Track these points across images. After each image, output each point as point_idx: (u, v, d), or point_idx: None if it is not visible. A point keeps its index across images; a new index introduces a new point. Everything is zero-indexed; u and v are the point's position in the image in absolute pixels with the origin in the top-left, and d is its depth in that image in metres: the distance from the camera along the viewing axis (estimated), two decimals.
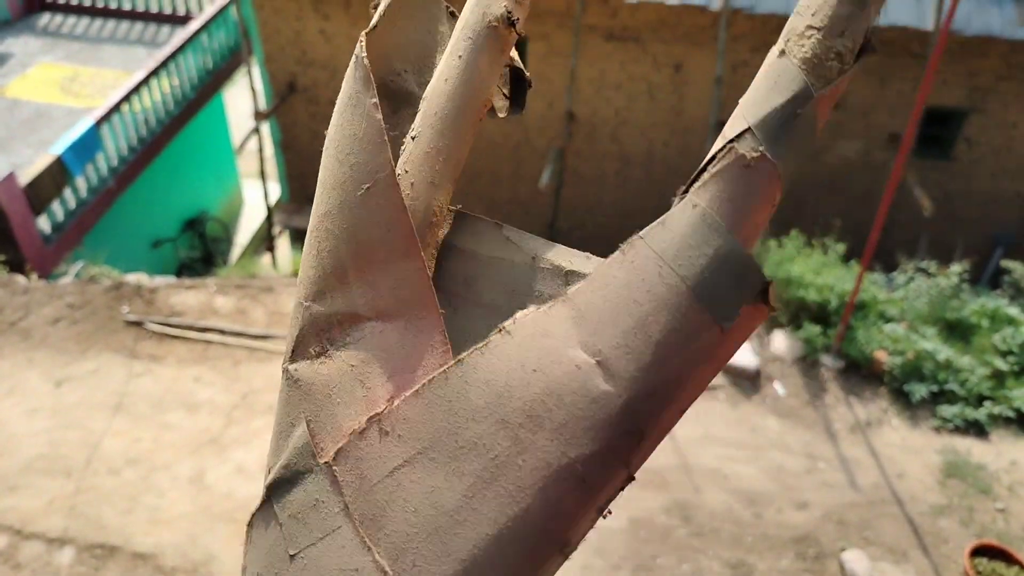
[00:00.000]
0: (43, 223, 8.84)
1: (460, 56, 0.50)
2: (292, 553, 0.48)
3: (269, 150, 11.72)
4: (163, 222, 11.66)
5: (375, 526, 0.45)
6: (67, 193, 9.09)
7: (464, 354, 0.46)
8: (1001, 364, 6.36)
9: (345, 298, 0.49)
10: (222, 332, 6.59)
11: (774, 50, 0.46)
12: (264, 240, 11.87)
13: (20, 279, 7.15)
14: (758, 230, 0.45)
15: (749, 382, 6.36)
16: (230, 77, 12.42)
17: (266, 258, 11.48)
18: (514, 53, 0.54)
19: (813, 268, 6.79)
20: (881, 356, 6.44)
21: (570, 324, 0.44)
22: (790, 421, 6.13)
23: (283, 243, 11.44)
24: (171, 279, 7.41)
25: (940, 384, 6.27)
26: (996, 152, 9.12)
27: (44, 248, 8.71)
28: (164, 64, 10.50)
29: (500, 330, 0.45)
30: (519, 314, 0.46)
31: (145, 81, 10.11)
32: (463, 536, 0.44)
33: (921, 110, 6.23)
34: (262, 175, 9.45)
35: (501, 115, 0.57)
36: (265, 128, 10.08)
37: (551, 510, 0.43)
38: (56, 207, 8.99)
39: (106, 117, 9.46)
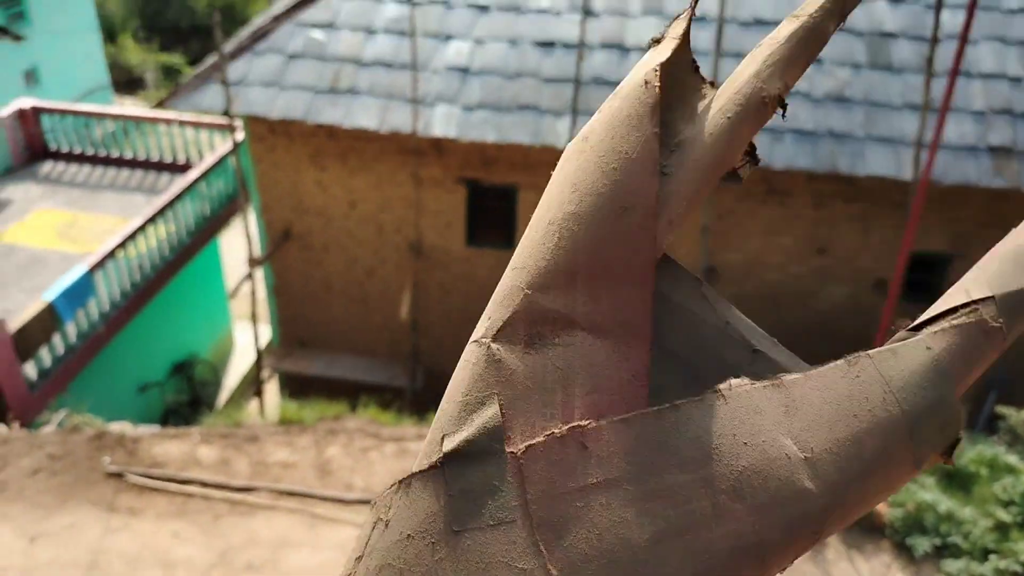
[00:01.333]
0: (29, 369, 8.75)
1: (728, 117, 0.50)
2: (456, 529, 0.46)
3: (262, 293, 11.79)
4: (151, 365, 11.57)
5: (553, 534, 0.45)
6: (56, 339, 9.05)
7: (680, 402, 0.46)
8: (1004, 515, 6.20)
9: (567, 300, 0.48)
10: (204, 484, 6.40)
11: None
12: (252, 383, 11.75)
13: (1, 428, 7.00)
14: (966, 389, 0.47)
15: None
16: (227, 223, 12.64)
17: (254, 403, 11.33)
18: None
19: None
20: (881, 507, 6.27)
21: (782, 412, 0.46)
22: None
23: (271, 387, 11.32)
24: (155, 428, 7.26)
25: (943, 537, 6.09)
26: None
27: (28, 395, 8.58)
28: (162, 211, 10.69)
29: (716, 391, 0.46)
30: (733, 381, 0.47)
31: (142, 228, 10.27)
32: (640, 574, 0.43)
33: (906, 257, 6.33)
34: (253, 319, 9.45)
35: (743, 178, 0.56)
36: (259, 272, 10.17)
37: None
38: (44, 353, 8.92)
39: (100, 263, 9.54)
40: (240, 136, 9.49)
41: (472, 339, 0.50)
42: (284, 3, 9.39)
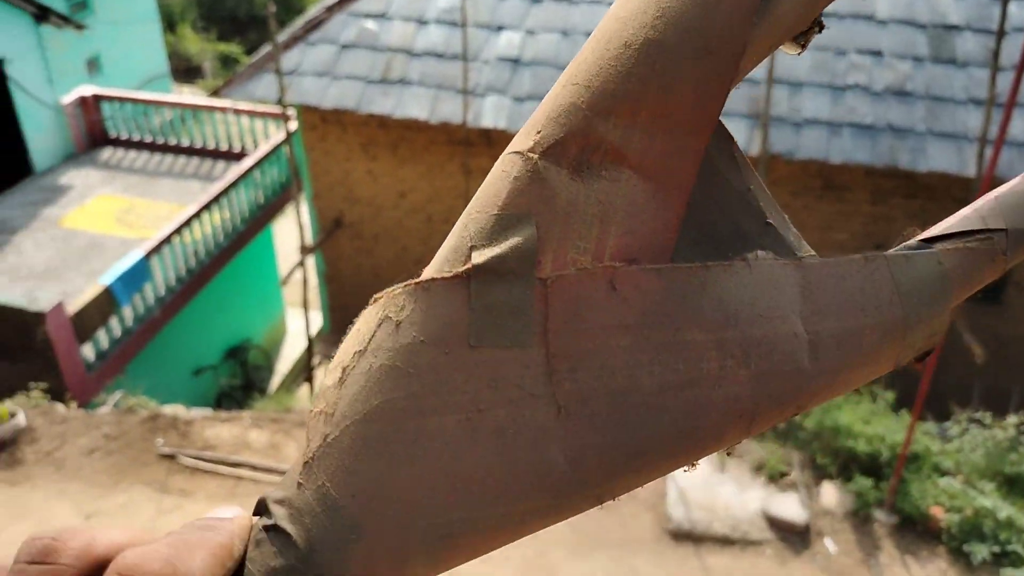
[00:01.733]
0: (87, 351, 8.96)
1: None
2: (473, 344, 0.45)
3: (313, 280, 11.92)
4: (206, 350, 11.78)
5: (567, 365, 0.45)
6: (113, 322, 9.25)
7: (711, 263, 0.47)
8: None
9: (625, 133, 0.45)
10: (254, 468, 6.50)
11: None
12: (303, 370, 11.90)
13: (59, 408, 7.18)
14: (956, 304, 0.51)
15: (798, 537, 6.05)
16: (280, 210, 12.80)
17: (304, 389, 11.47)
18: None
19: (862, 417, 6.57)
20: (937, 512, 6.12)
21: (798, 292, 0.47)
22: None
23: (321, 374, 11.45)
24: (207, 411, 7.39)
25: (1002, 545, 5.92)
26: None
27: (86, 376, 8.80)
28: (217, 198, 10.85)
29: (744, 259, 0.47)
30: (760, 253, 0.48)
31: (197, 214, 10.44)
32: (643, 420, 0.45)
33: None
34: (305, 306, 9.56)
35: (805, 44, 0.52)
36: (311, 260, 10.28)
37: (715, 434, 0.46)
38: (101, 336, 9.13)
39: (156, 249, 9.72)
40: (293, 125, 9.59)
41: (513, 149, 0.47)
42: None
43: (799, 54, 0.51)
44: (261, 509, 0.46)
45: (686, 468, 0.48)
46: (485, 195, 0.47)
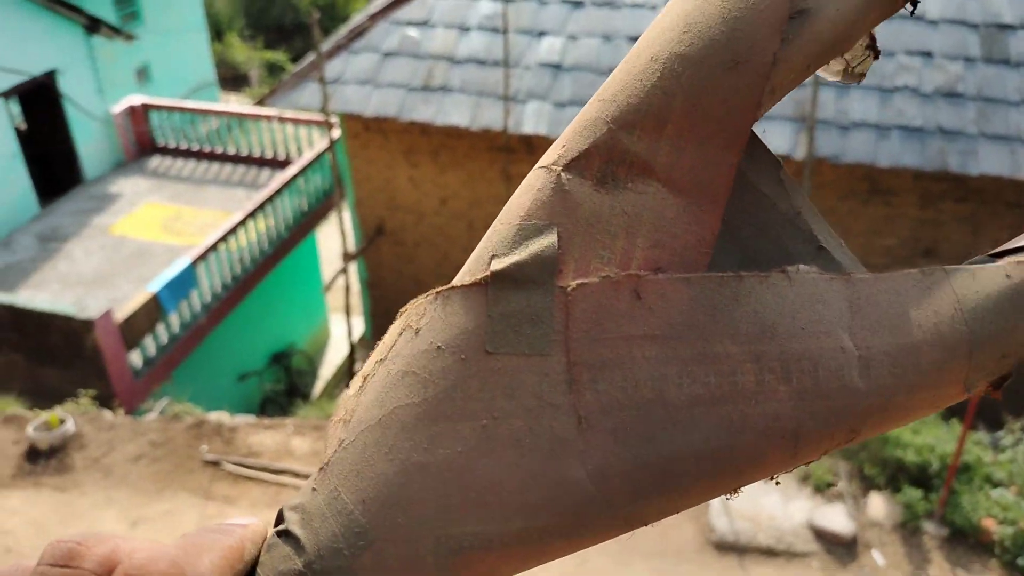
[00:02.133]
0: (135, 358, 9.12)
1: None
2: (490, 351, 0.44)
3: (356, 287, 12.01)
4: (250, 356, 11.93)
5: (588, 376, 0.44)
6: (160, 329, 9.41)
7: (745, 273, 0.45)
8: None
9: (651, 146, 0.45)
10: (296, 475, 6.55)
11: None
12: (346, 375, 11.98)
13: (107, 415, 7.31)
14: None
15: (845, 549, 5.93)
16: (323, 218, 12.92)
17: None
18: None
19: (911, 427, 6.42)
20: (989, 524, 5.96)
21: (846, 306, 0.45)
22: None
23: None
24: (251, 418, 7.47)
25: None
26: None
27: (134, 383, 8.95)
28: (262, 206, 10.99)
29: (783, 271, 0.45)
30: (801, 267, 0.46)
31: (243, 222, 10.58)
32: (671, 436, 0.43)
33: None
34: (347, 312, 9.63)
35: (862, 73, 0.53)
36: (353, 266, 10.36)
37: (754, 456, 0.44)
38: (148, 342, 9.29)
39: (203, 256, 9.87)
40: (336, 133, 9.67)
41: (539, 164, 0.48)
42: (381, 1, 9.50)
43: (858, 84, 0.50)
44: (279, 517, 0.46)
45: (728, 496, 0.46)
46: (510, 207, 0.47)
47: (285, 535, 0.44)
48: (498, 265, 0.46)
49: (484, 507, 0.44)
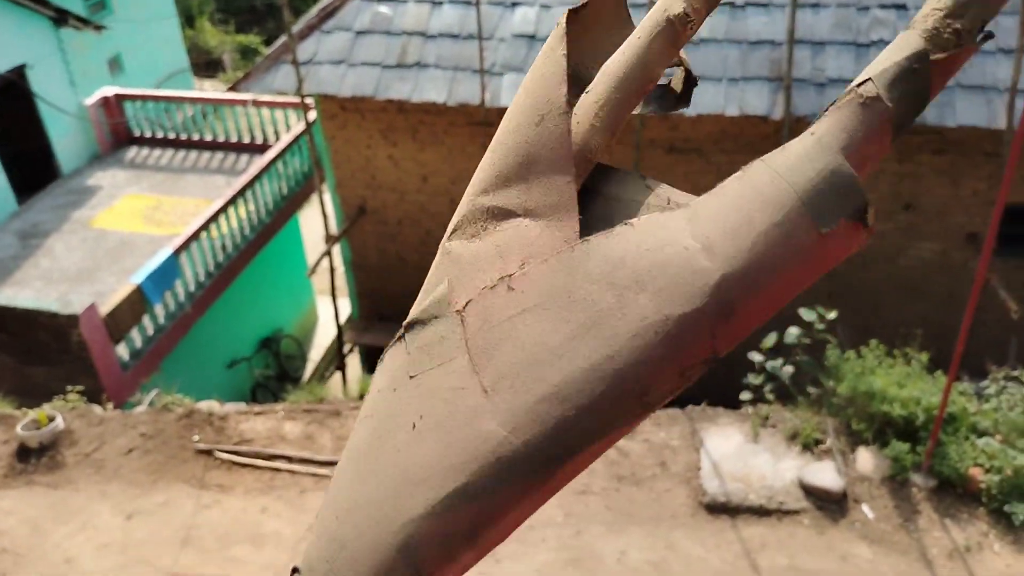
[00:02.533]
0: (121, 351, 9.09)
1: (638, 37, 0.58)
2: (412, 375, 0.57)
3: (341, 268, 11.98)
4: (239, 342, 11.91)
5: (486, 357, 0.54)
6: (146, 321, 9.37)
7: (592, 236, 0.53)
8: None
9: (504, 196, 0.58)
10: (289, 459, 6.57)
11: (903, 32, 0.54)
12: (335, 357, 11.99)
13: (96, 409, 7.30)
14: (867, 163, 0.52)
15: (835, 505, 6.00)
16: (305, 200, 12.85)
17: (336, 377, 11.56)
18: (685, 54, 0.61)
19: (896, 380, 6.47)
20: (976, 473, 6.03)
21: (685, 222, 0.51)
22: (882, 548, 5.73)
23: (353, 361, 11.52)
24: (241, 405, 7.47)
25: None
26: None
27: (122, 376, 8.93)
28: (242, 192, 10.92)
29: (625, 223, 0.53)
30: (642, 215, 0.54)
31: (224, 209, 10.51)
32: (558, 368, 0.51)
33: (1002, 209, 5.99)
34: (333, 294, 9.61)
35: (669, 105, 0.65)
36: (336, 248, 10.32)
37: (638, 356, 0.50)
38: (135, 335, 9.26)
39: (185, 245, 9.82)
40: (313, 115, 9.59)
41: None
42: None
43: (686, 108, 0.63)
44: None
45: (639, 408, 0.51)
46: (423, 288, 0.61)
47: (296, 571, 0.59)
48: (409, 318, 0.59)
49: (424, 483, 0.53)
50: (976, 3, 0.53)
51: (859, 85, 0.52)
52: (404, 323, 0.59)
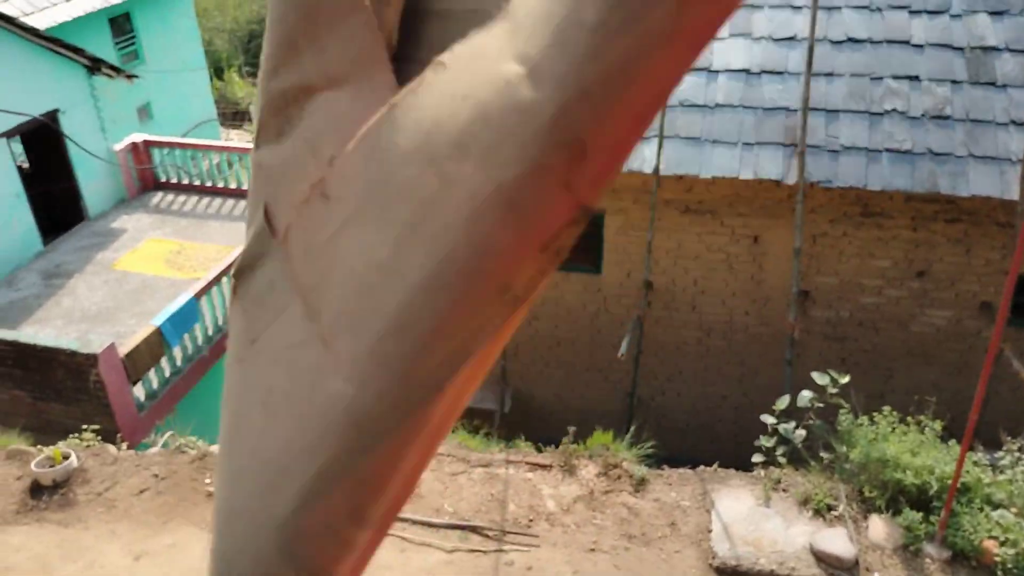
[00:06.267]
0: (138, 391, 9.18)
1: None
2: (252, 339, 0.49)
3: None
4: None
5: (318, 295, 0.44)
6: (163, 362, 9.47)
7: (396, 96, 0.43)
8: None
9: (298, 69, 0.46)
10: None
11: None
12: None
13: (111, 449, 7.35)
14: None
15: (846, 573, 5.94)
16: None
17: None
18: None
19: (909, 448, 6.45)
20: (991, 546, 5.96)
21: (506, 38, 0.41)
22: None
23: None
24: None
25: None
26: None
27: (137, 417, 9.00)
28: None
29: (435, 63, 0.42)
30: (457, 45, 0.42)
31: None
32: (391, 289, 0.41)
33: (1015, 278, 6.03)
34: None
35: None
36: None
37: (480, 246, 0.40)
38: (152, 376, 9.35)
39: (205, 290, 9.95)
40: None
41: None
42: None
43: None
44: None
45: (505, 307, 0.42)
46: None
47: None
48: (237, 264, 0.51)
49: (285, 472, 0.47)
50: None
51: None
52: (232, 271, 0.50)
